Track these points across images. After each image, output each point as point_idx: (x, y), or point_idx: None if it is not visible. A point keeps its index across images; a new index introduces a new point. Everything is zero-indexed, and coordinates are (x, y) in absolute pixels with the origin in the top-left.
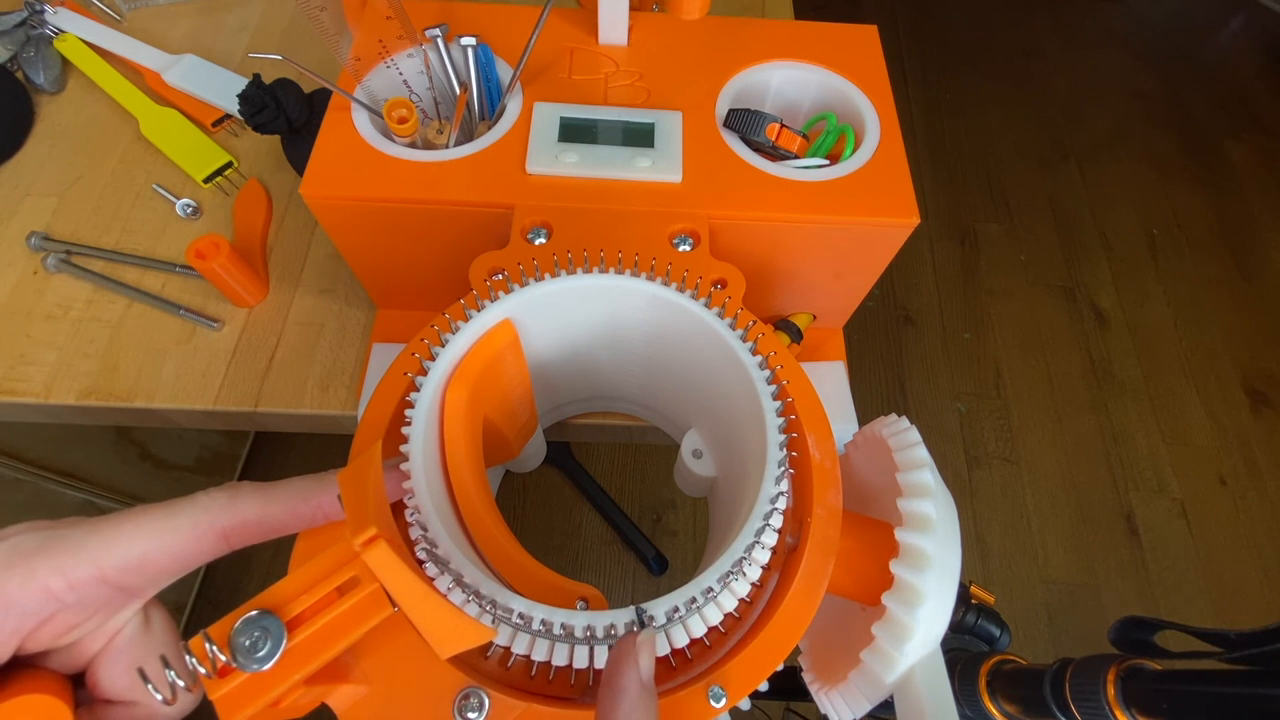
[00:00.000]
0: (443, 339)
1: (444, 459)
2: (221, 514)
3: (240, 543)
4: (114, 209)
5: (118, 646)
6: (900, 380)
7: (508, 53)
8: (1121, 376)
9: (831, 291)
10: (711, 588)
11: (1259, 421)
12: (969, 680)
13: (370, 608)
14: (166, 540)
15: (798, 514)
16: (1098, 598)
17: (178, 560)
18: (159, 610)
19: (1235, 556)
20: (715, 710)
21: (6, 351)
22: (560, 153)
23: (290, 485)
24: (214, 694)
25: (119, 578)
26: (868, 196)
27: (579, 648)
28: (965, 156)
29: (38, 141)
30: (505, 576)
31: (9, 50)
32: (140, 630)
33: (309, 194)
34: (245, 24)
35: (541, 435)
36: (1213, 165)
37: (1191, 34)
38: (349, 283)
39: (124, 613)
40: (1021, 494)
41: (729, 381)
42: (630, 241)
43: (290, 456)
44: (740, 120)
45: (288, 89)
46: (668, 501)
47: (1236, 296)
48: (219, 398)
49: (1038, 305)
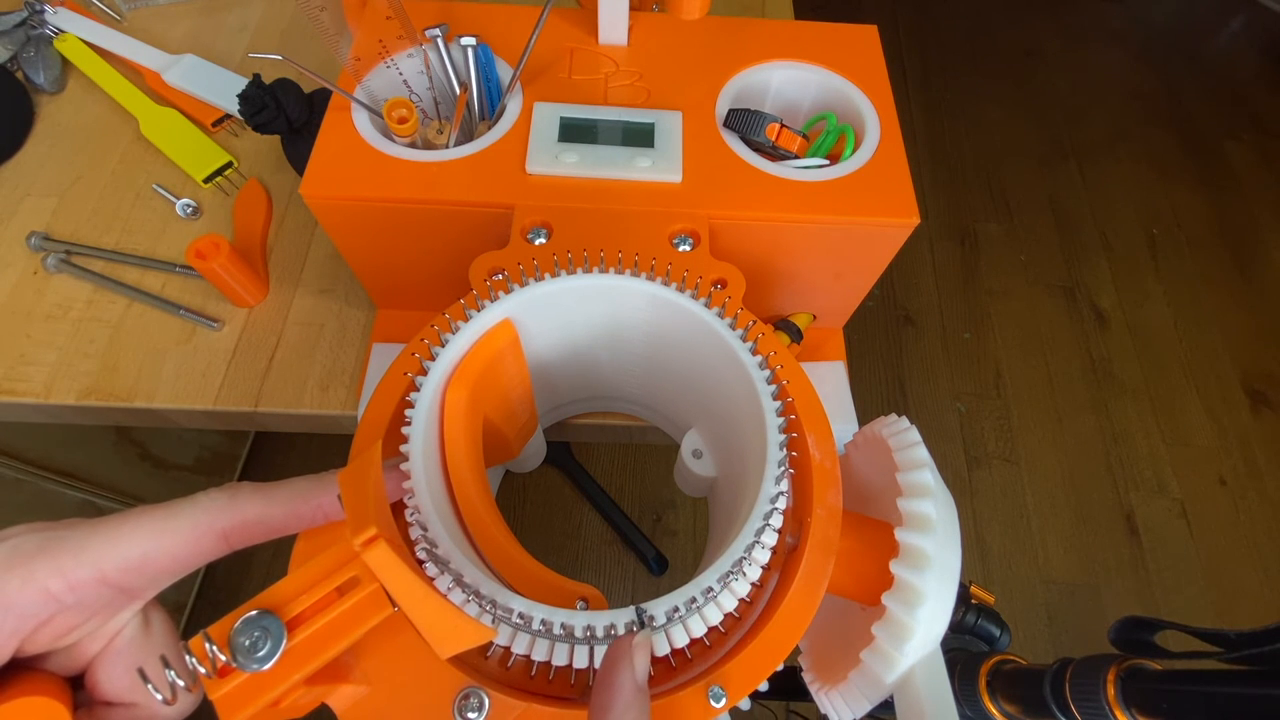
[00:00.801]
0: (443, 339)
1: (444, 459)
2: (221, 514)
3: (241, 543)
4: (114, 209)
5: (117, 648)
6: (900, 380)
7: (508, 53)
8: (1121, 377)
9: (831, 291)
10: (711, 588)
11: (1259, 421)
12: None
13: (370, 608)
14: (167, 541)
15: (798, 514)
16: (1098, 598)
17: (178, 561)
18: (158, 611)
19: (1235, 556)
20: (715, 710)
21: (6, 351)
22: (560, 153)
23: (290, 485)
24: (214, 694)
25: (119, 579)
26: (868, 196)
27: (579, 648)
28: (965, 156)
29: (38, 141)
30: (505, 576)
31: (9, 50)
32: (140, 631)
33: (309, 194)
34: (245, 24)
35: (541, 435)
36: (1213, 165)
37: (1191, 34)
38: (349, 283)
39: (123, 614)
40: (1021, 494)
41: (729, 381)
42: (630, 241)
43: (290, 456)
44: (740, 120)
45: (288, 89)
46: (668, 501)
47: (1236, 296)
48: (219, 398)
49: (1038, 305)
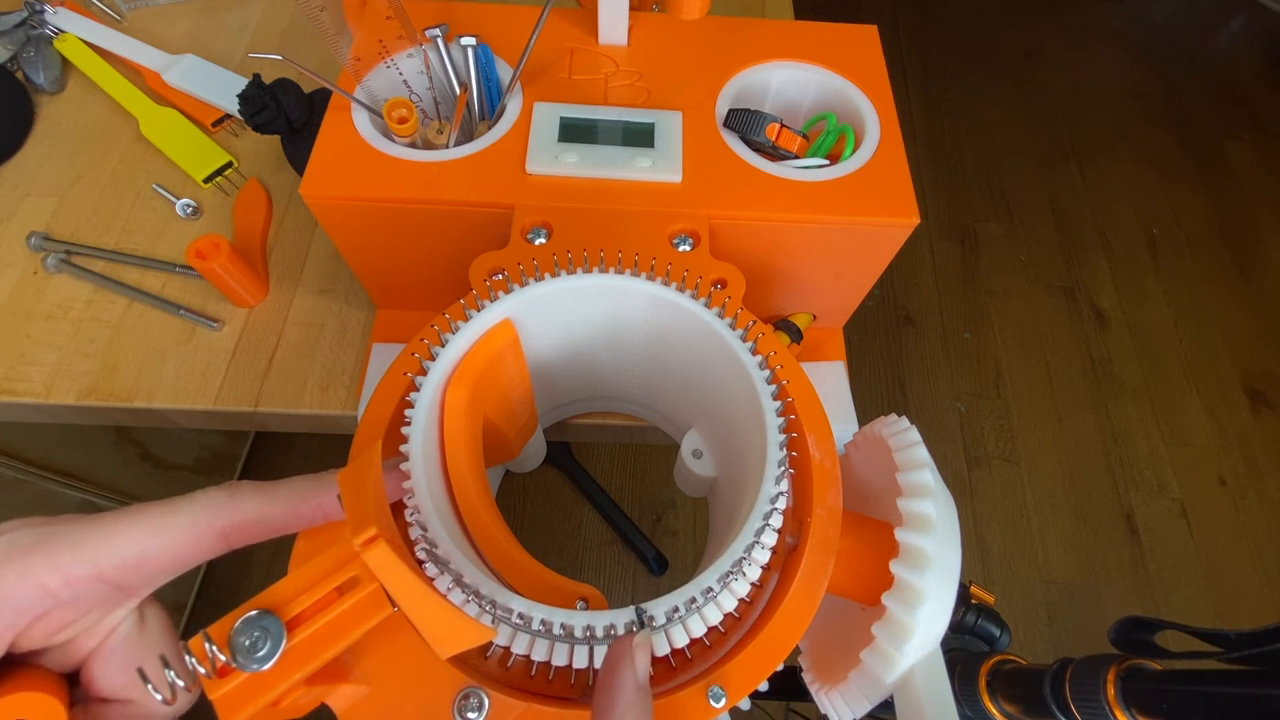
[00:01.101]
0: (443, 339)
1: (444, 459)
2: (221, 513)
3: (240, 542)
4: (114, 209)
5: (113, 645)
6: (900, 380)
7: (508, 53)
8: (1121, 376)
9: (831, 291)
10: (711, 588)
11: (1259, 421)
12: (969, 680)
13: (370, 608)
14: (165, 539)
15: (798, 514)
16: (1098, 598)
17: (176, 559)
18: (155, 608)
19: (1235, 556)
20: (715, 710)
21: (6, 351)
22: (560, 153)
23: (290, 485)
24: (214, 694)
25: (116, 575)
26: (868, 196)
27: (579, 648)
28: (965, 156)
29: (38, 141)
30: (505, 576)
31: (9, 50)
32: (136, 628)
33: (309, 194)
34: (245, 24)
35: (541, 435)
36: (1213, 165)
37: (1191, 34)
38: (349, 283)
39: (119, 611)
40: (1021, 494)
41: (729, 381)
42: (630, 241)
43: (290, 456)
44: (740, 120)
45: (288, 89)
46: (668, 501)
47: (1236, 296)
48: (219, 398)
49: (1038, 305)
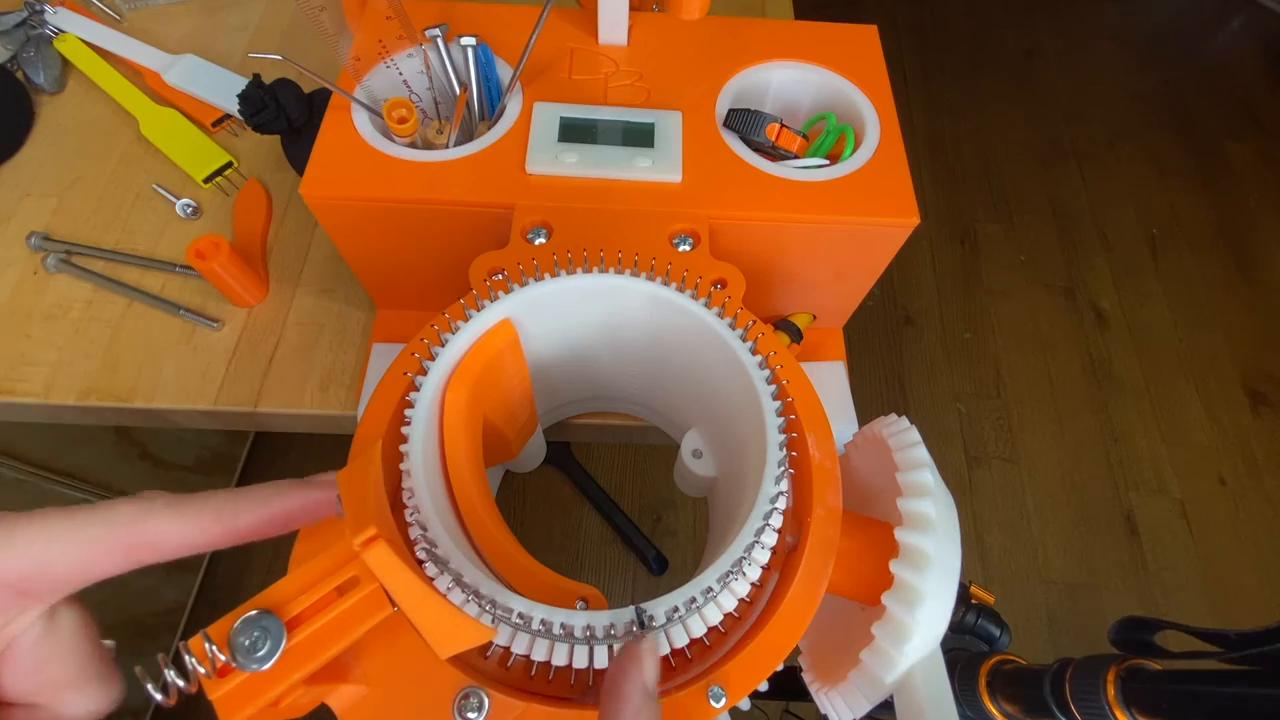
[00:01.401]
0: (443, 339)
1: (444, 459)
2: (127, 529)
3: (150, 560)
4: (114, 209)
5: (21, 648)
6: (900, 380)
7: (508, 53)
8: (1121, 376)
9: (831, 291)
10: (711, 588)
11: (1259, 421)
12: (969, 680)
13: (370, 608)
14: (70, 550)
15: (798, 514)
16: (1098, 598)
17: (81, 571)
18: (70, 609)
19: (1235, 556)
20: (715, 710)
21: (6, 351)
22: (560, 153)
23: (205, 502)
24: (213, 694)
25: (15, 583)
26: (868, 196)
27: (579, 648)
28: (965, 156)
29: (38, 141)
30: (505, 576)
31: (9, 50)
32: (45, 633)
33: (309, 194)
34: (245, 24)
35: (541, 435)
36: (1213, 165)
37: (1191, 34)
38: (349, 283)
39: (25, 616)
40: (1021, 494)
41: (729, 381)
42: (630, 241)
43: (290, 456)
44: (740, 120)
45: (288, 89)
46: (668, 501)
47: (1236, 296)
48: (219, 398)
49: (1038, 305)
